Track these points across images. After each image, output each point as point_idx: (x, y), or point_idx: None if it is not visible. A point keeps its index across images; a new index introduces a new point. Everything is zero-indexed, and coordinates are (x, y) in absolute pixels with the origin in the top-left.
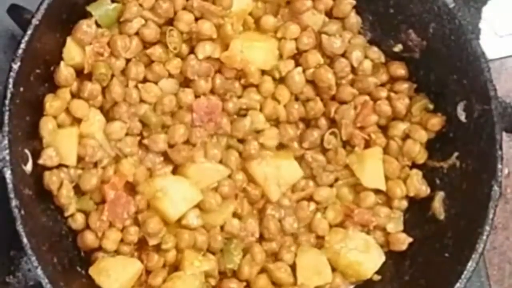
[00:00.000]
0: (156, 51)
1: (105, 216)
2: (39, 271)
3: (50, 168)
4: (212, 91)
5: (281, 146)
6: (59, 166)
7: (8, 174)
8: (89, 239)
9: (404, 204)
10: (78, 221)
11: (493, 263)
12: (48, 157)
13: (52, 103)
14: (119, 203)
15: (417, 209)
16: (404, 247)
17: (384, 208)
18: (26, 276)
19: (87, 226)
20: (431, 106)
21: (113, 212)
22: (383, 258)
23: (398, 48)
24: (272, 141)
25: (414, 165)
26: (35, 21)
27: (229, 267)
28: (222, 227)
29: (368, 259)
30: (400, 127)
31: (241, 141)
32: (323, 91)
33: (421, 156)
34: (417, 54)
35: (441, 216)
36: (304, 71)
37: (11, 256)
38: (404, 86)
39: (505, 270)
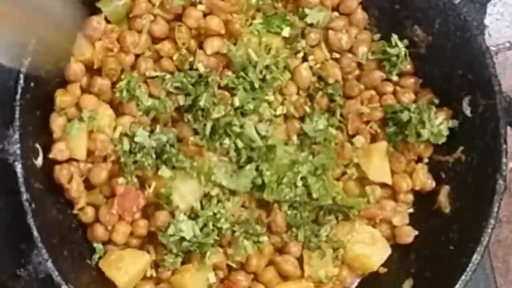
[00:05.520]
0: (165, 47)
1: (115, 209)
2: (50, 264)
3: (60, 162)
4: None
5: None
6: (69, 160)
7: (19, 168)
8: (99, 232)
9: (410, 197)
10: (88, 214)
11: (497, 256)
12: (58, 151)
13: (62, 98)
14: (129, 197)
15: (422, 202)
16: (410, 240)
17: (390, 202)
18: (37, 269)
19: (97, 219)
20: (436, 101)
21: (123, 205)
22: (389, 251)
23: (404, 43)
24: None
25: (419, 159)
26: None
27: (238, 260)
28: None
29: (374, 252)
30: None
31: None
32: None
33: (427, 151)
34: (422, 49)
35: (447, 209)
36: (311, 66)
37: (22, 249)
38: (410, 81)
39: (510, 263)
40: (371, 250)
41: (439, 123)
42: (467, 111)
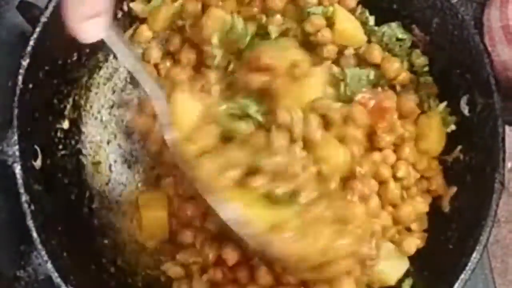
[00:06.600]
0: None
1: None
2: (49, 265)
3: None
4: None
5: None
6: None
7: (18, 169)
8: None
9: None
10: None
11: (496, 256)
12: None
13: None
14: None
15: None
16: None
17: None
18: (37, 271)
19: None
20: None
21: None
22: (407, 265)
23: None
24: None
25: None
26: (44, 18)
27: None
28: None
29: (392, 267)
30: None
31: None
32: None
33: None
34: (420, 48)
35: (446, 208)
36: None
37: (21, 250)
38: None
39: (508, 263)
40: (389, 265)
41: (443, 109)
42: (465, 110)
